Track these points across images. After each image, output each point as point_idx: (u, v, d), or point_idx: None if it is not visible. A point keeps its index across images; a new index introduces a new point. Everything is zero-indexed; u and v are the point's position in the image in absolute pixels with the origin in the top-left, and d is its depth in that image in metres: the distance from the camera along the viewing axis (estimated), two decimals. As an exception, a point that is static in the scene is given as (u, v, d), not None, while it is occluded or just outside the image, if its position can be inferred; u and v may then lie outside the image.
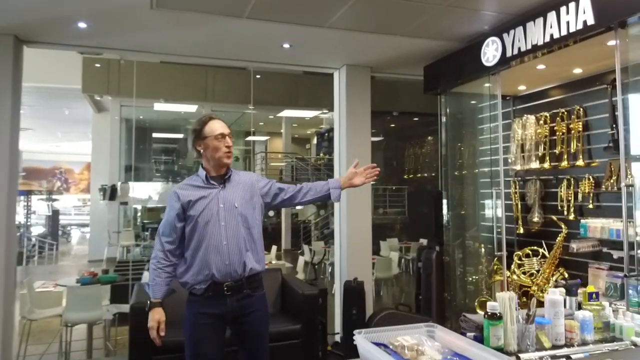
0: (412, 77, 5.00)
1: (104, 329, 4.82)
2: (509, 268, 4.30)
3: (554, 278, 4.03)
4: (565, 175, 4.19)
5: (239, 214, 2.33)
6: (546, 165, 4.34)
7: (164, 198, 13.22)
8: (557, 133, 4.24)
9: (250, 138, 15.12)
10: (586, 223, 3.81)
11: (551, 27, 3.12)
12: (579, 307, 1.98)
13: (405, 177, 9.62)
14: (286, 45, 4.05)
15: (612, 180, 3.71)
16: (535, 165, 4.44)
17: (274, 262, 8.90)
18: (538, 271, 4.22)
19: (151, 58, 4.38)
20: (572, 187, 4.13)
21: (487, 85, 4.35)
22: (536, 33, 3.25)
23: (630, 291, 3.67)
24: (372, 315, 4.24)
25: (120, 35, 3.89)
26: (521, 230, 4.56)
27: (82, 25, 3.61)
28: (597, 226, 3.71)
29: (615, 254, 3.71)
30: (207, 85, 11.99)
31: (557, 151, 4.24)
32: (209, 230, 2.28)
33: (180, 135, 15.04)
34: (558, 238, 4.04)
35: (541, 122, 4.43)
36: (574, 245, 3.76)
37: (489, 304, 1.68)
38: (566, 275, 4.02)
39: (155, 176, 14.52)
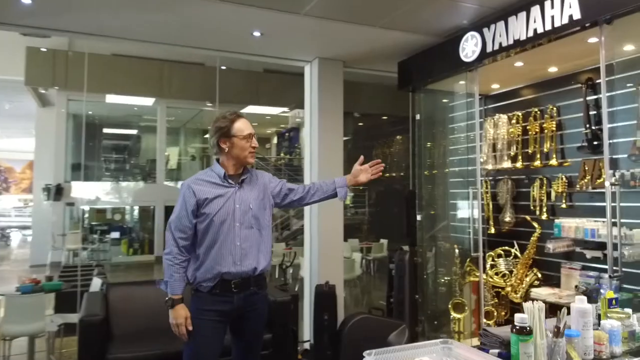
0: (384, 74, 4.86)
1: (48, 342, 4.37)
2: (484, 269, 4.23)
3: (528, 279, 3.98)
4: (538, 175, 4.17)
5: (253, 215, 2.34)
6: (518, 164, 4.31)
7: (114, 198, 12.56)
8: (530, 132, 4.21)
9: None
10: (560, 223, 3.78)
11: (535, 21, 3.04)
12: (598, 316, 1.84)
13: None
14: (257, 33, 3.79)
15: (586, 180, 3.70)
16: (507, 164, 4.40)
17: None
18: (511, 272, 4.18)
19: (105, 42, 3.97)
20: (544, 187, 4.11)
21: (462, 82, 4.27)
22: (519, 28, 3.17)
23: (602, 291, 3.68)
24: (344, 321, 4.05)
25: (70, 14, 3.49)
26: (492, 230, 4.50)
27: (26, 1, 3.21)
28: (571, 226, 3.68)
29: (589, 254, 3.70)
30: (162, 81, 11.47)
31: (529, 151, 4.22)
32: (224, 230, 2.27)
33: (134, 132, 14.34)
34: (532, 238, 4.00)
35: (513, 121, 4.40)
36: (550, 246, 3.72)
37: (517, 316, 1.49)
38: (539, 276, 3.99)
39: (105, 175, 13.79)
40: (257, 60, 4.57)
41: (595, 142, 3.68)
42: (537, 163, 4.14)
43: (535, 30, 3.04)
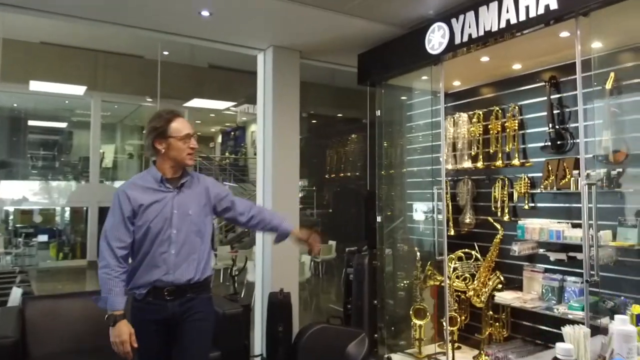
0: (343, 69, 4.60)
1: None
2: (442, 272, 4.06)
3: (491, 282, 3.85)
4: (499, 175, 4.06)
5: (192, 221, 2.24)
6: (479, 164, 4.19)
7: (43, 198, 11.53)
8: (491, 132, 4.10)
9: (149, 132, 13.81)
10: (524, 224, 3.67)
11: (507, 11, 2.88)
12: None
13: (326, 176, 9.23)
14: (205, 13, 3.38)
15: (550, 180, 3.61)
16: (467, 164, 4.27)
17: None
18: (473, 275, 4.04)
19: (25, 14, 3.39)
20: (506, 188, 4.00)
21: (425, 78, 4.09)
22: (490, 18, 3.00)
23: (566, 295, 3.60)
24: (301, 331, 3.73)
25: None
26: (452, 232, 4.36)
27: None
28: (535, 227, 3.57)
29: (552, 256, 3.62)
30: (97, 72, 10.62)
31: (491, 150, 4.10)
32: (159, 237, 2.17)
33: (63, 125, 13.25)
34: (494, 240, 3.87)
35: (474, 120, 4.28)
36: (516, 248, 3.60)
37: (560, 346, 1.19)
38: (502, 279, 3.87)
39: (32, 173, 12.67)
40: (205, 46, 4.15)
41: (559, 142, 3.62)
42: (499, 163, 4.03)
43: (508, 21, 2.88)
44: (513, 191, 3.92)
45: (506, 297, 3.63)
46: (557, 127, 3.60)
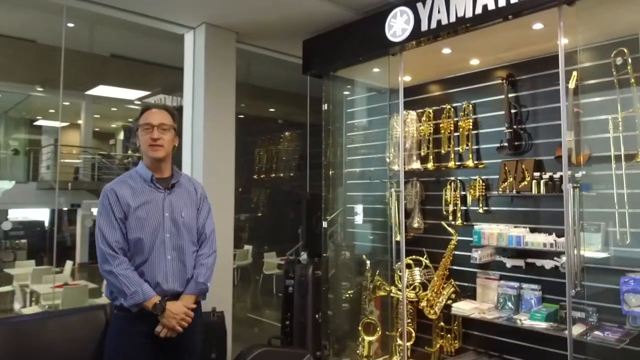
0: (285, 58, 4.12)
1: None
2: (392, 282, 3.75)
3: (446, 292, 3.60)
4: (450, 177, 3.85)
5: (184, 225, 2.18)
6: (429, 165, 3.95)
7: None
8: (443, 131, 3.88)
9: (42, 122, 12.10)
10: (480, 229, 3.46)
11: (484, -4, 2.60)
12: None
13: (255, 177, 8.56)
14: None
15: (507, 183, 3.44)
16: (416, 165, 4.01)
17: (70, 282, 7.01)
18: (423, 284, 3.77)
19: None
20: (458, 190, 3.79)
21: (376, 70, 3.75)
22: (464, 3, 2.71)
23: (524, 303, 3.44)
24: (238, 357, 3.17)
25: None
26: (398, 237, 4.07)
27: None
28: (493, 232, 3.38)
29: (509, 263, 3.45)
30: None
31: (442, 151, 3.87)
32: (152, 243, 2.09)
33: None
34: (449, 246, 3.63)
35: (423, 118, 4.03)
36: (477, 255, 3.38)
37: None
38: (457, 289, 3.64)
39: None
40: (108, 33, 3.43)
41: (516, 143, 3.47)
42: (451, 164, 3.81)
43: (485, 6, 2.61)
44: (466, 194, 3.72)
45: (464, 308, 3.39)
46: (515, 127, 3.44)
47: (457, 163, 3.78)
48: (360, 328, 3.71)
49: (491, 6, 2.58)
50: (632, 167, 2.82)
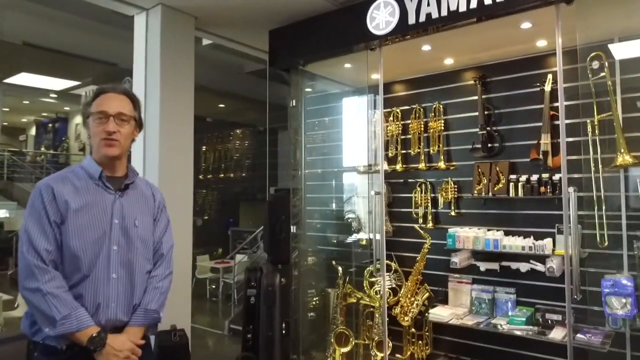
0: (246, 50, 3.79)
1: None
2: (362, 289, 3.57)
3: (419, 297, 3.48)
4: (420, 179, 3.74)
5: (138, 236, 1.76)
6: (398, 167, 3.81)
7: None
8: (412, 132, 3.76)
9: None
10: (455, 233, 3.38)
11: (480, -10, 2.49)
12: None
13: (200, 177, 7.94)
14: None
15: (481, 185, 3.39)
16: (384, 167, 3.86)
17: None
18: (393, 289, 3.62)
19: None
20: (429, 192, 3.69)
21: (348, 66, 3.55)
22: (458, -4, 2.57)
23: (498, 307, 3.40)
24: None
25: None
26: (364, 242, 3.91)
27: None
28: (469, 236, 3.30)
29: (483, 266, 3.40)
30: None
31: (412, 152, 3.75)
32: (94, 256, 1.64)
33: None
34: (422, 250, 3.51)
35: (391, 118, 3.89)
36: (457, 260, 3.28)
37: None
38: (431, 294, 3.53)
39: None
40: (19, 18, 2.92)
41: (489, 145, 3.42)
42: (422, 166, 3.70)
43: (481, 1, 2.49)
44: (438, 196, 3.63)
45: (442, 314, 3.28)
46: (488, 128, 3.40)
47: (428, 165, 3.68)
48: (332, 340, 3.49)
49: (488, 1, 2.46)
50: (609, 170, 2.85)
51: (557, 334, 2.88)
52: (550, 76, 3.12)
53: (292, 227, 3.54)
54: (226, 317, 6.59)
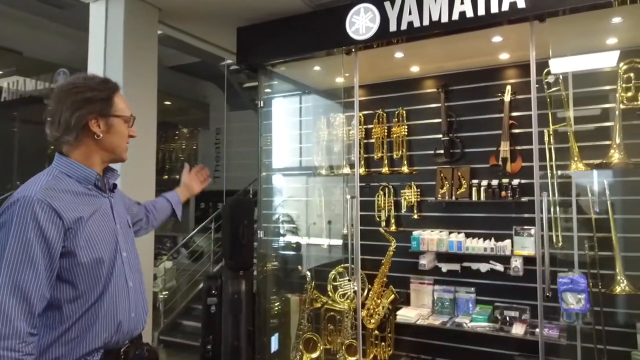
0: (212, 49, 3.62)
1: None
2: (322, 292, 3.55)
3: (385, 299, 3.54)
4: (382, 183, 3.81)
5: (132, 236, 1.66)
6: (361, 171, 3.85)
7: None
8: (375, 136, 3.82)
9: None
10: (419, 235, 3.48)
11: (462, 2, 2.59)
12: None
13: None
14: None
15: (444, 189, 3.53)
16: (346, 170, 3.88)
17: None
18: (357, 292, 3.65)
19: None
20: (391, 196, 3.78)
21: (317, 68, 3.52)
22: (439, 6, 2.65)
23: (459, 306, 3.55)
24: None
25: None
26: (326, 245, 3.91)
27: None
28: (433, 238, 3.42)
29: (445, 267, 3.53)
30: None
31: (375, 156, 3.82)
32: (111, 266, 1.44)
33: None
34: (388, 252, 3.57)
35: (353, 122, 3.92)
36: (425, 262, 3.37)
37: None
38: (397, 296, 3.60)
39: None
40: None
41: (451, 151, 3.57)
42: (385, 170, 3.78)
43: (462, 13, 2.59)
44: (401, 200, 3.72)
45: (409, 315, 3.37)
46: (450, 135, 3.55)
47: (391, 169, 3.76)
48: (300, 346, 3.43)
49: (469, 14, 2.57)
50: (562, 176, 3.10)
51: (518, 330, 3.07)
52: (509, 87, 3.33)
53: (259, 232, 3.43)
54: (155, 328, 6.18)
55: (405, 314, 3.38)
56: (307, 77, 3.69)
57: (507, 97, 3.32)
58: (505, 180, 3.26)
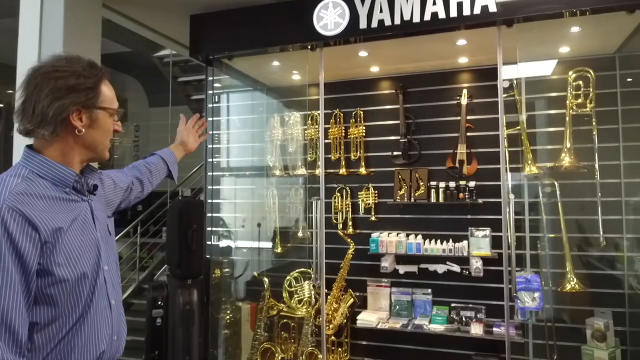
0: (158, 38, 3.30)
1: None
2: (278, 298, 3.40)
3: (344, 304, 3.45)
4: (339, 184, 3.72)
5: (113, 245, 1.39)
6: (317, 172, 3.73)
7: None
8: (332, 137, 3.73)
9: None
10: (378, 238, 3.44)
11: (435, 3, 2.56)
12: None
13: None
14: None
15: (403, 191, 3.51)
16: (301, 171, 3.76)
17: None
18: (313, 297, 3.53)
19: None
20: (348, 198, 3.70)
21: (276, 64, 3.36)
22: (410, 6, 2.61)
23: (416, 308, 3.55)
24: None
25: None
26: (279, 250, 3.75)
27: None
28: (392, 241, 3.40)
29: (402, 269, 3.51)
30: None
31: (332, 157, 3.72)
32: (92, 284, 1.21)
33: None
34: (346, 255, 3.49)
35: (309, 121, 3.80)
36: (386, 264, 3.32)
37: None
38: (357, 300, 3.51)
39: None
40: None
41: (409, 152, 3.56)
42: (342, 171, 3.69)
43: (435, 14, 2.57)
44: (359, 202, 3.65)
45: (370, 319, 3.30)
46: (408, 137, 3.54)
47: (348, 170, 3.69)
48: (257, 356, 3.24)
49: (442, 15, 2.55)
50: (517, 178, 3.20)
51: (477, 330, 3.12)
52: (465, 90, 3.38)
53: (214, 237, 3.20)
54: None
55: (366, 318, 3.32)
56: (264, 72, 3.51)
57: (464, 101, 3.37)
58: (462, 182, 3.31)
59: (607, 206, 3.04)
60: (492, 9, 2.47)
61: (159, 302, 3.29)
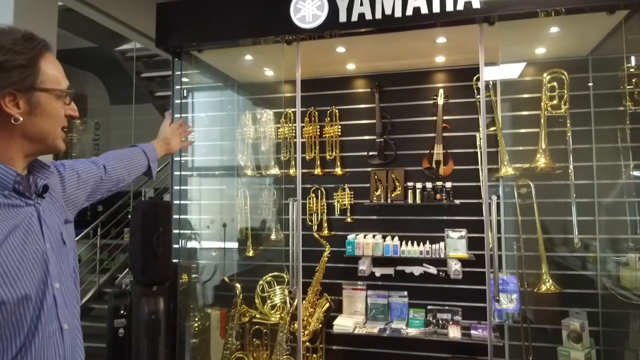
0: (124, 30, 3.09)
1: None
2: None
3: (319, 309, 3.33)
4: (313, 185, 3.60)
5: (68, 257, 1.15)
6: (291, 172, 3.61)
7: None
8: (307, 136, 3.61)
9: None
10: (354, 240, 3.34)
11: (417, -2, 2.49)
12: None
13: None
14: None
15: (379, 192, 3.43)
16: (274, 171, 3.62)
17: None
18: (287, 303, 3.39)
19: None
20: (324, 199, 3.59)
21: (249, 58, 3.20)
22: (393, 0, 2.53)
23: (392, 311, 3.46)
24: None
25: None
26: (251, 253, 3.60)
27: None
28: (368, 243, 3.31)
29: (379, 272, 3.43)
30: None
31: (307, 157, 3.60)
32: (38, 306, 1.01)
33: None
34: (322, 258, 3.38)
35: (282, 120, 3.66)
36: (364, 267, 3.23)
37: None
38: (332, 304, 3.40)
39: None
40: None
41: (385, 152, 3.49)
42: (317, 171, 3.58)
43: (417, 9, 2.49)
44: (334, 203, 3.54)
45: (347, 325, 3.19)
46: (385, 136, 3.46)
47: (323, 170, 3.58)
48: (228, 366, 3.07)
49: (424, 10, 2.48)
50: (493, 179, 3.18)
51: (455, 333, 3.07)
52: (441, 90, 3.34)
53: (183, 241, 3.01)
54: None
55: (342, 324, 3.21)
56: (236, 67, 3.35)
57: (440, 101, 3.33)
58: (439, 183, 3.26)
59: (580, 207, 3.06)
60: (476, 5, 2.42)
61: (122, 312, 3.08)
